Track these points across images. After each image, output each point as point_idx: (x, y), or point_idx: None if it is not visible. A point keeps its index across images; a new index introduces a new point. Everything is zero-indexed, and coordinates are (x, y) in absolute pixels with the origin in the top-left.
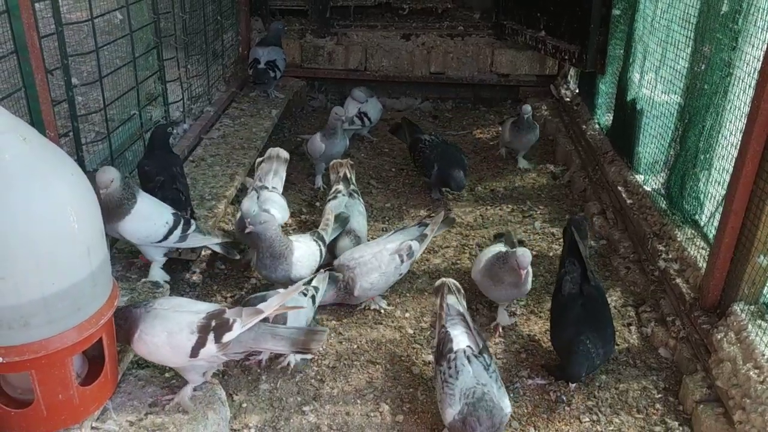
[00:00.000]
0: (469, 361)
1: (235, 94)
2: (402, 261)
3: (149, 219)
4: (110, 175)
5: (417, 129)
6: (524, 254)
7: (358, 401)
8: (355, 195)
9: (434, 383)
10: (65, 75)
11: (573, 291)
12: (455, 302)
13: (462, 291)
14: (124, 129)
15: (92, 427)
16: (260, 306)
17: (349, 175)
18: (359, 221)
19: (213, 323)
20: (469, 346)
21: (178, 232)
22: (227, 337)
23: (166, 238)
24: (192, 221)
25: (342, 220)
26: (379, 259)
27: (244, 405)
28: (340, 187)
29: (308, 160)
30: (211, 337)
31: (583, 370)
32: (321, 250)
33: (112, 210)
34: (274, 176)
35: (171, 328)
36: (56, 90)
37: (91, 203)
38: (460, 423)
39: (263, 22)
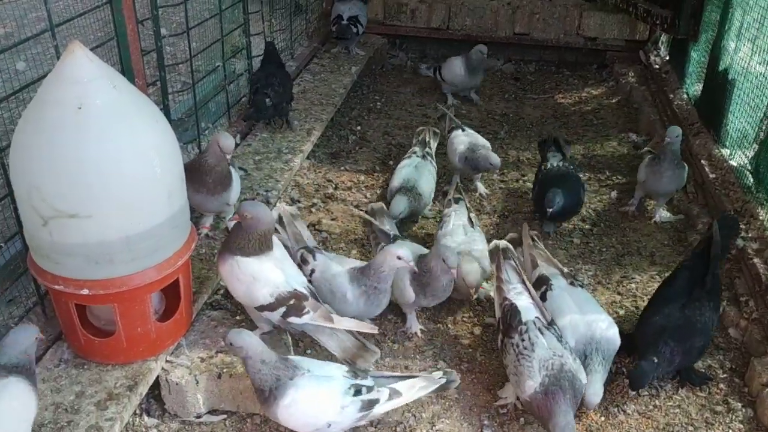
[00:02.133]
0: (542, 333)
1: (317, 50)
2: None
3: (236, 175)
4: (233, 140)
5: (552, 148)
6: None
7: (417, 356)
8: (428, 157)
9: (502, 356)
10: (155, 25)
11: (681, 288)
12: (515, 269)
13: (516, 254)
14: (208, 80)
15: (167, 360)
16: (335, 317)
17: (428, 139)
18: (428, 181)
19: (291, 301)
20: (537, 317)
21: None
22: (292, 319)
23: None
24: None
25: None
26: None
27: (309, 351)
28: (416, 149)
29: (383, 118)
30: (281, 310)
31: (645, 383)
32: None
33: (225, 179)
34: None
35: (259, 278)
36: (146, 40)
37: (173, 151)
38: (542, 395)
39: None
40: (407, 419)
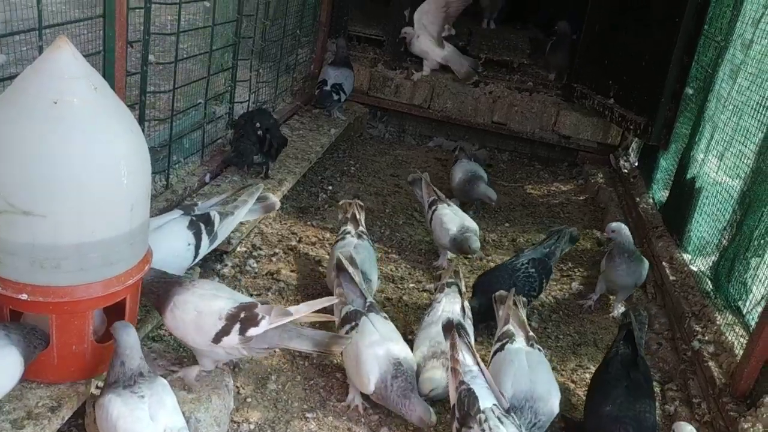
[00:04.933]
0: (501, 422)
1: (299, 108)
2: None
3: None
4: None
5: (553, 241)
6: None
7: (362, 420)
8: (364, 236)
9: None
10: (144, 49)
11: (620, 372)
12: (468, 348)
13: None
14: (186, 116)
15: (97, 386)
16: (290, 308)
17: (358, 216)
18: (372, 264)
19: (242, 315)
20: (495, 405)
21: (205, 241)
22: (252, 332)
23: (195, 257)
24: (214, 216)
25: (350, 260)
26: None
27: (249, 400)
28: (349, 227)
29: (356, 182)
30: (236, 327)
31: None
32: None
33: None
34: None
35: (202, 309)
36: (131, 64)
37: (144, 164)
38: None
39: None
40: None
